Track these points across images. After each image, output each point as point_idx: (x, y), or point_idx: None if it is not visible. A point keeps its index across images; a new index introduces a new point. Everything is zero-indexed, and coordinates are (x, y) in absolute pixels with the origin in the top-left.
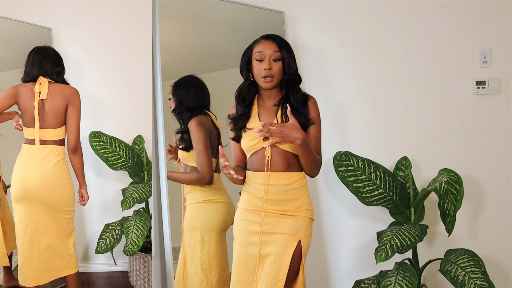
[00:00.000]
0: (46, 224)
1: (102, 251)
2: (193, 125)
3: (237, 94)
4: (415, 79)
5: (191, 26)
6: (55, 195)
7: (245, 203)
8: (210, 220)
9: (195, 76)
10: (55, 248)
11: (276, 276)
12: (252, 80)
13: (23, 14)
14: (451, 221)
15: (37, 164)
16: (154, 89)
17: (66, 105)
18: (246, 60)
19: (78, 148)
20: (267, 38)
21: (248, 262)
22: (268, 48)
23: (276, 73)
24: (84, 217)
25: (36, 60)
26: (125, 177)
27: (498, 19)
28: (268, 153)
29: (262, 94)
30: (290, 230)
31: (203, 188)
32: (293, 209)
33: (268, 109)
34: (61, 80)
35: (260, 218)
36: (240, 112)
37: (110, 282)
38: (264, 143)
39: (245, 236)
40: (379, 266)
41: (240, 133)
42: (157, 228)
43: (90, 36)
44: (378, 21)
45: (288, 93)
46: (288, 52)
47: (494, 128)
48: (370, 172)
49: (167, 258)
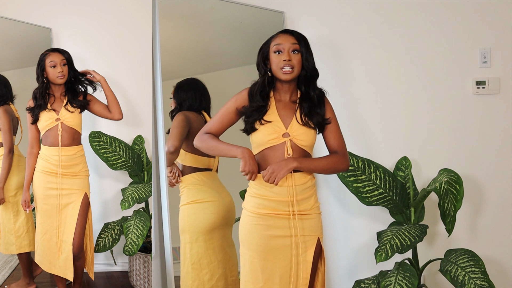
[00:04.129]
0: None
1: (100, 250)
2: (175, 117)
3: (254, 87)
4: (415, 79)
5: (191, 26)
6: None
7: (257, 206)
8: (196, 222)
9: (198, 80)
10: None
11: (301, 280)
12: (269, 75)
13: (23, 14)
14: (451, 221)
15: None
16: (154, 89)
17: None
18: (264, 55)
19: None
20: (285, 32)
21: (265, 270)
22: (287, 41)
23: (295, 64)
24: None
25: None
26: (125, 177)
27: (498, 19)
28: (289, 149)
29: (278, 88)
30: (309, 231)
31: (189, 190)
32: (309, 208)
33: (286, 104)
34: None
35: (287, 221)
36: (257, 105)
37: (110, 282)
38: (284, 139)
39: (261, 242)
40: (379, 266)
41: (254, 125)
42: (157, 228)
43: (90, 36)
44: (378, 21)
45: (307, 90)
46: (306, 46)
47: (494, 128)
48: (370, 172)
49: (167, 258)
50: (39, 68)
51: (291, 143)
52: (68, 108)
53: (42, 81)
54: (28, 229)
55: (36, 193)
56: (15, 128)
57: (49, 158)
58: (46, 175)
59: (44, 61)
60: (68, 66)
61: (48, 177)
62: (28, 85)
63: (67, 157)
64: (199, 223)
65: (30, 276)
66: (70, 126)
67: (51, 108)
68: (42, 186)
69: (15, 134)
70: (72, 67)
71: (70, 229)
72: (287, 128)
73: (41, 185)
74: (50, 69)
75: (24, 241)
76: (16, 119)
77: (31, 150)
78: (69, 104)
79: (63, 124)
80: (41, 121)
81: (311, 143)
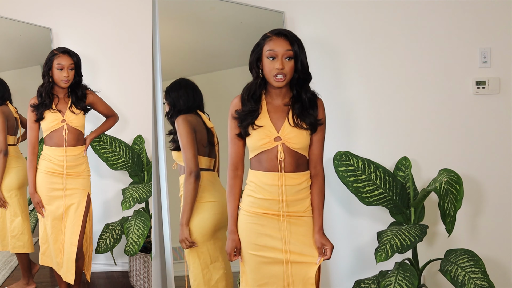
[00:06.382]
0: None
1: (102, 251)
2: (178, 122)
3: (247, 91)
4: (415, 79)
5: (191, 26)
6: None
7: (251, 206)
8: (197, 222)
9: (186, 78)
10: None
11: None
12: (261, 77)
13: (23, 14)
14: (451, 221)
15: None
16: (154, 89)
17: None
18: (256, 57)
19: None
20: (279, 34)
21: (264, 266)
22: (281, 46)
23: (288, 72)
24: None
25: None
26: (125, 177)
27: (498, 19)
28: (281, 153)
29: (270, 91)
30: (302, 234)
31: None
32: (303, 210)
33: (277, 108)
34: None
35: (277, 221)
36: (249, 109)
37: (110, 282)
38: (275, 143)
39: (255, 240)
40: (379, 266)
41: (247, 130)
42: (157, 228)
43: (90, 36)
44: (378, 21)
45: (299, 92)
46: (300, 49)
47: (494, 128)
48: (370, 172)
49: (167, 258)
50: (46, 67)
51: (283, 146)
52: (73, 110)
53: (48, 80)
54: (24, 231)
55: (39, 193)
56: (14, 128)
57: (53, 159)
58: (50, 176)
59: (52, 61)
60: (75, 70)
61: (52, 177)
62: (27, 85)
63: (72, 157)
64: (200, 223)
65: (29, 276)
66: (75, 128)
67: (56, 109)
68: (46, 187)
69: (15, 134)
70: (78, 71)
71: (75, 230)
72: (279, 131)
73: (45, 186)
74: (56, 71)
75: (19, 242)
76: (14, 119)
77: (33, 151)
78: (73, 106)
79: (68, 125)
80: (46, 122)
81: (303, 145)
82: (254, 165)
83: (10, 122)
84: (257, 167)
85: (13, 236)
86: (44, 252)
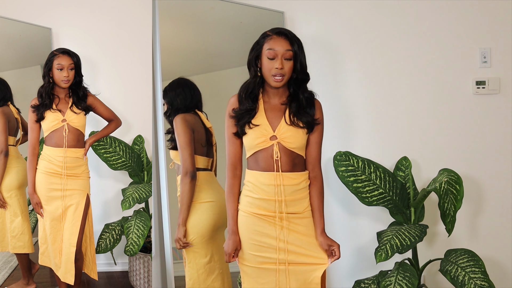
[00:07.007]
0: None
1: (102, 251)
2: (176, 121)
3: (244, 89)
4: (415, 79)
5: (191, 26)
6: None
7: (249, 206)
8: (195, 222)
9: (184, 78)
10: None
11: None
12: (259, 75)
13: (23, 14)
14: (451, 221)
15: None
16: (154, 89)
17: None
18: (255, 55)
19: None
20: (279, 34)
21: (264, 266)
22: (281, 46)
23: (287, 72)
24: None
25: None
26: (125, 177)
27: (498, 19)
28: (277, 152)
29: (268, 90)
30: (305, 232)
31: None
32: (301, 211)
33: (274, 107)
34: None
35: (274, 221)
36: (246, 107)
37: (110, 282)
38: (271, 142)
39: (253, 240)
40: (379, 266)
41: (244, 128)
42: (157, 228)
43: (90, 36)
44: (378, 21)
45: (296, 92)
46: (299, 49)
47: (494, 128)
48: (370, 172)
49: (167, 258)
50: (46, 67)
51: (279, 145)
52: (73, 109)
53: (48, 80)
54: (23, 231)
55: (38, 194)
56: (14, 129)
57: (52, 159)
58: (49, 176)
59: (52, 62)
60: (75, 71)
61: (51, 178)
62: (28, 85)
63: (72, 158)
64: (199, 223)
65: (29, 276)
66: (76, 128)
67: (57, 108)
68: (45, 187)
69: (15, 135)
70: (79, 71)
71: (74, 231)
72: (275, 130)
73: (44, 186)
74: (56, 71)
75: (19, 242)
76: (15, 119)
77: (33, 151)
78: (74, 106)
79: (68, 125)
80: (46, 121)
81: (300, 144)
82: (251, 165)
83: (11, 123)
84: (254, 166)
85: (13, 236)
86: (43, 252)
